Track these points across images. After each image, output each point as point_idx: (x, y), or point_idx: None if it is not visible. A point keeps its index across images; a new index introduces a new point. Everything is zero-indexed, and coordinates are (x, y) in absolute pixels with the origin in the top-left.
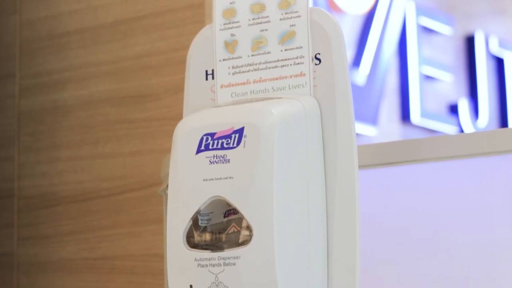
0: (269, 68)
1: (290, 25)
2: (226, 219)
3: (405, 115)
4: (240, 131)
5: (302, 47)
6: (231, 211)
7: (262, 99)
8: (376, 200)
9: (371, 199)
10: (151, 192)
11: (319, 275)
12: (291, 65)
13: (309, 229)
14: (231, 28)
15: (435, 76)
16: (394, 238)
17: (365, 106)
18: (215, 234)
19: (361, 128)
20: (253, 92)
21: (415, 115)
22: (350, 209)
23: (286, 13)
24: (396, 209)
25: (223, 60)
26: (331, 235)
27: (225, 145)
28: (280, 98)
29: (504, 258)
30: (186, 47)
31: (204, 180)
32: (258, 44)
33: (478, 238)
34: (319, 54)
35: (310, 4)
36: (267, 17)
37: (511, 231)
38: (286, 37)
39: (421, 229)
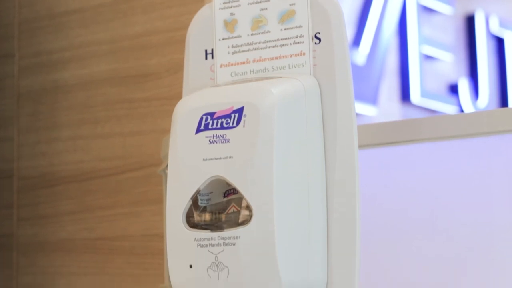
0: (269, 47)
1: (290, 4)
2: (225, 199)
3: (405, 95)
4: (240, 111)
5: (302, 26)
6: (230, 191)
7: (262, 79)
8: (376, 179)
9: (371, 178)
10: (151, 172)
11: (319, 254)
12: (291, 44)
13: (309, 208)
14: (231, 7)
15: (435, 56)
16: (393, 218)
17: (365, 85)
18: (215, 214)
19: (361, 107)
20: (253, 71)
21: (415, 95)
22: (350, 189)
23: None
24: (395, 188)
25: (223, 39)
26: (330, 214)
27: (224, 125)
28: (280, 77)
29: (503, 238)
30: (186, 26)
31: (203, 160)
32: (257, 23)
33: (477, 218)
34: (319, 33)
35: None
36: None
37: (510, 211)
38: (286, 16)
39: (419, 209)
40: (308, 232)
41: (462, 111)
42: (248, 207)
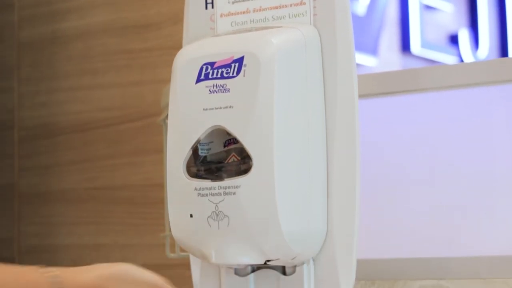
0: None
1: None
2: (226, 148)
3: (405, 45)
4: (240, 60)
5: None
6: (231, 141)
7: (262, 28)
8: (376, 129)
9: (371, 128)
10: (151, 122)
11: (319, 204)
12: None
13: (309, 157)
14: None
15: (436, 6)
16: (393, 166)
17: (365, 36)
18: (215, 163)
19: (361, 58)
20: (253, 21)
21: (415, 45)
22: (350, 138)
23: None
24: (395, 138)
25: None
26: (331, 163)
27: (225, 75)
28: (280, 27)
29: (502, 188)
30: None
31: (204, 109)
32: None
33: (476, 168)
34: None
35: None
36: None
37: (509, 160)
38: None
39: (419, 158)
40: (308, 182)
41: (462, 61)
42: (248, 157)
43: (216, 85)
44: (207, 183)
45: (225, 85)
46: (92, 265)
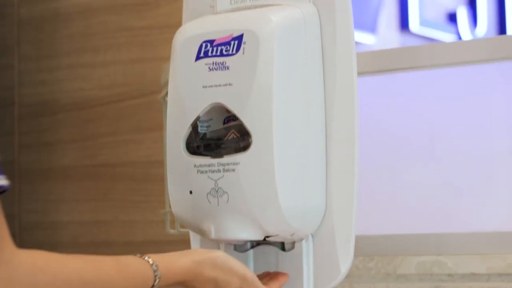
0: None
1: None
2: (225, 125)
3: (404, 23)
4: (239, 38)
5: None
6: (230, 118)
7: (262, 6)
8: (375, 107)
9: (370, 105)
10: (151, 99)
11: (318, 180)
12: None
13: (308, 135)
14: None
15: None
16: (392, 144)
17: (364, 14)
18: (215, 140)
19: (360, 36)
20: None
21: (414, 23)
22: (349, 115)
23: None
24: (393, 115)
25: None
26: (329, 141)
27: (224, 52)
28: (280, 5)
29: (500, 164)
30: None
31: (203, 87)
32: None
33: (475, 144)
34: None
35: None
36: None
37: (508, 138)
38: None
39: (418, 135)
40: (307, 159)
41: (460, 39)
42: (247, 134)
43: (215, 63)
44: (206, 160)
45: (224, 63)
46: (185, 251)
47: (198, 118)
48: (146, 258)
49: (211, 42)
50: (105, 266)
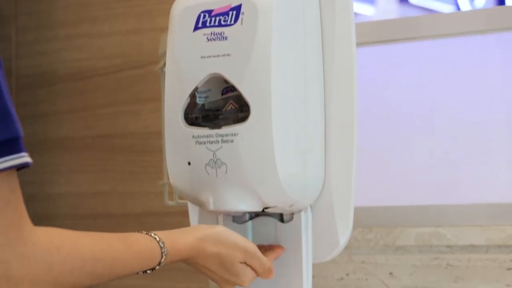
0: None
1: None
2: (223, 96)
3: None
4: (238, 8)
5: None
6: (229, 89)
7: None
8: (373, 77)
9: (369, 76)
10: (149, 70)
11: (317, 151)
12: None
13: (307, 105)
14: None
15: None
16: (391, 115)
17: None
18: (213, 111)
19: (359, 7)
20: None
21: None
22: (348, 86)
23: None
24: (392, 85)
25: None
26: (329, 112)
27: (222, 22)
28: None
29: (499, 135)
30: None
31: (201, 57)
32: None
33: (474, 115)
34: None
35: None
36: None
37: (507, 109)
38: None
39: (417, 106)
40: (306, 129)
41: (459, 10)
42: (246, 104)
43: (213, 33)
44: (205, 131)
45: (222, 33)
46: (186, 228)
47: (196, 89)
48: (153, 235)
49: (209, 12)
50: (114, 243)
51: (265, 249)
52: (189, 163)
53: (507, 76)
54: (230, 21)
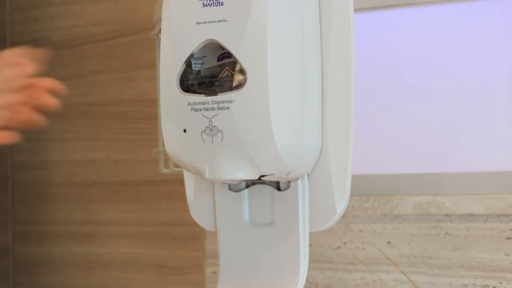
0: None
1: None
2: (219, 62)
3: None
4: None
5: None
6: (225, 55)
7: None
8: (371, 43)
9: (366, 42)
10: (144, 36)
11: (314, 118)
12: None
13: (303, 71)
14: None
15: None
16: (389, 81)
17: None
18: (209, 78)
19: None
20: None
21: None
22: (345, 51)
23: None
24: (391, 52)
25: None
26: (325, 78)
27: None
28: None
29: (499, 103)
30: None
31: (197, 23)
32: None
33: (473, 82)
34: None
35: None
36: None
37: (507, 76)
38: None
39: (415, 73)
40: (302, 96)
41: None
42: (242, 71)
43: None
44: (200, 97)
45: None
46: None
47: (192, 55)
48: None
49: None
50: None
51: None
52: (184, 131)
53: (508, 41)
54: None
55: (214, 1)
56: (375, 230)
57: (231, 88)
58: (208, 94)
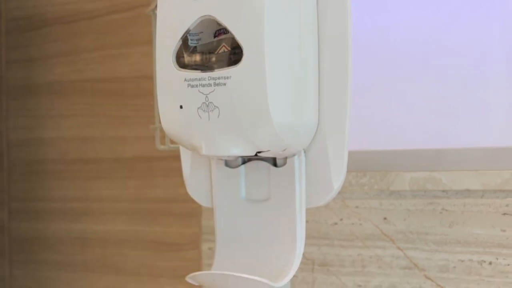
0: None
1: None
2: (216, 39)
3: None
4: None
5: None
6: (221, 31)
7: None
8: (368, 18)
9: (363, 17)
10: (139, 12)
11: (310, 95)
12: None
13: (300, 47)
14: None
15: None
16: (386, 57)
17: None
18: (205, 54)
19: None
20: None
21: None
22: (342, 28)
23: None
24: (387, 27)
25: None
26: (322, 54)
27: None
28: None
29: (496, 78)
30: None
31: None
32: None
33: (470, 59)
34: None
35: None
36: None
37: (505, 52)
38: None
39: (411, 47)
40: (299, 72)
41: None
42: (239, 47)
43: None
44: (197, 74)
45: None
46: None
47: (188, 31)
48: None
49: None
50: None
51: None
52: (181, 107)
53: (506, 17)
54: None
55: None
56: (372, 206)
57: (228, 64)
58: (204, 70)
